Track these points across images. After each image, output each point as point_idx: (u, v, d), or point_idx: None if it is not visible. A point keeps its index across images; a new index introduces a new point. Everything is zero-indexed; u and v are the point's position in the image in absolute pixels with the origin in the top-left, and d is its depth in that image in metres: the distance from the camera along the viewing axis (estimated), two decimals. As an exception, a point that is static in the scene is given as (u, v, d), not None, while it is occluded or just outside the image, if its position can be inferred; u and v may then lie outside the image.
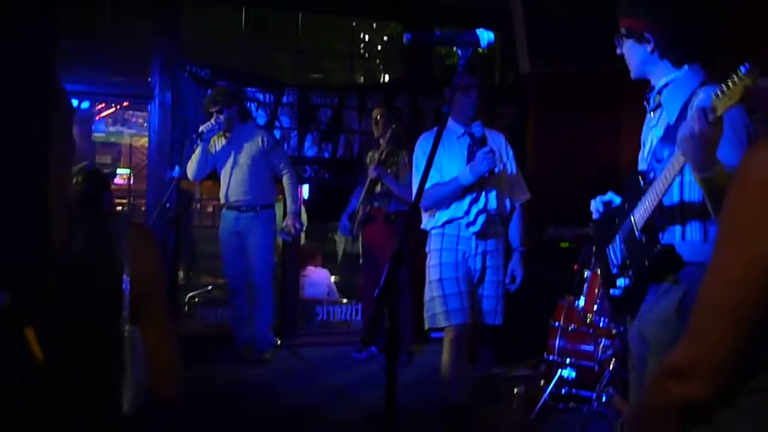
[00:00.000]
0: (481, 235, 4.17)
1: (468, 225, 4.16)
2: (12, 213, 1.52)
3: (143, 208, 8.44)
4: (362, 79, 8.48)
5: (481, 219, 4.15)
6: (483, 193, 4.16)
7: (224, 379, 5.73)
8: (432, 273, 4.20)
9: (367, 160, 6.30)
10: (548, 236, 6.27)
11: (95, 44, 6.79)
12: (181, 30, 6.62)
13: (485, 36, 2.50)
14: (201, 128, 5.87)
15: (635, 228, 2.50)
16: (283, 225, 6.07)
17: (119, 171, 17.22)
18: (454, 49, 2.58)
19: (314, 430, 4.84)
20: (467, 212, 4.16)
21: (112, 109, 12.40)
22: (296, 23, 7.32)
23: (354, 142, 6.82)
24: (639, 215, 2.49)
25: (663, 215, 2.48)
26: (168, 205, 5.88)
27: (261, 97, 6.63)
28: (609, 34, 2.94)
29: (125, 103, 11.07)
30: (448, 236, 4.20)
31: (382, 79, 8.66)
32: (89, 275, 1.61)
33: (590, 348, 4.96)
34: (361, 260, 6.50)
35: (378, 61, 8.83)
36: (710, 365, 1.37)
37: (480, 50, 2.55)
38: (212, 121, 5.87)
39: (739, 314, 1.36)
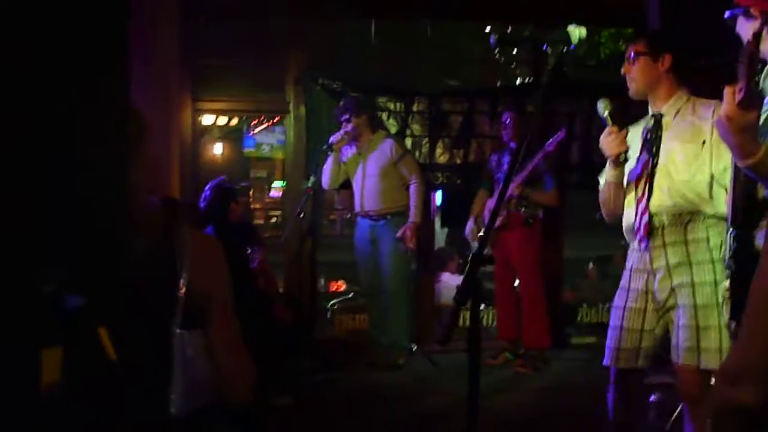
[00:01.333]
0: (653, 245, 3.17)
1: (635, 232, 3.21)
2: (90, 225, 1.65)
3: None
4: (498, 83, 8.43)
5: (643, 222, 3.16)
6: (647, 187, 3.17)
7: (359, 383, 5.87)
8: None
9: (494, 164, 6.26)
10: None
11: (235, 62, 7.12)
12: (313, 44, 6.83)
13: (576, 33, 2.46)
14: (331, 139, 6.04)
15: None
16: (398, 235, 6.08)
17: (275, 184, 17.92)
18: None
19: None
20: (636, 215, 3.21)
21: (265, 125, 12.89)
22: (426, 30, 7.40)
23: (485, 146, 6.80)
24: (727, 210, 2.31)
25: (756, 208, 2.24)
26: (302, 215, 6.06)
27: (392, 105, 6.73)
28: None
29: (276, 118, 11.46)
30: (633, 252, 3.29)
31: (517, 83, 8.57)
32: (150, 282, 1.72)
33: (730, 353, 4.72)
34: (494, 266, 6.45)
35: (514, 65, 8.75)
36: (761, 371, 1.28)
37: (569, 48, 2.49)
38: (341, 131, 6.03)
39: None
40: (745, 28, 2.40)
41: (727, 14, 2.49)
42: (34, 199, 1.59)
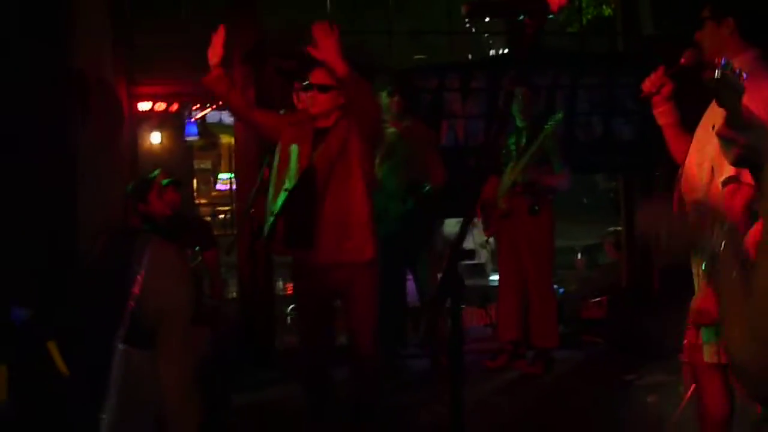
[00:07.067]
0: None
1: None
2: (40, 235, 1.65)
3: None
4: (469, 57, 8.28)
5: None
6: None
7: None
8: None
9: (512, 147, 5.95)
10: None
11: (174, 43, 6.85)
12: (260, 20, 6.57)
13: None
14: None
15: None
16: None
17: (221, 176, 17.61)
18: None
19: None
20: None
21: (207, 111, 12.39)
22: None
23: (458, 128, 6.57)
24: None
25: None
26: (253, 210, 5.76)
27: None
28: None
29: (220, 103, 11.08)
30: None
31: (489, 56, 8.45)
32: (100, 293, 1.68)
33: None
34: (498, 257, 6.35)
35: (486, 36, 8.61)
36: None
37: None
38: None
39: None
40: None
41: None
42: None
